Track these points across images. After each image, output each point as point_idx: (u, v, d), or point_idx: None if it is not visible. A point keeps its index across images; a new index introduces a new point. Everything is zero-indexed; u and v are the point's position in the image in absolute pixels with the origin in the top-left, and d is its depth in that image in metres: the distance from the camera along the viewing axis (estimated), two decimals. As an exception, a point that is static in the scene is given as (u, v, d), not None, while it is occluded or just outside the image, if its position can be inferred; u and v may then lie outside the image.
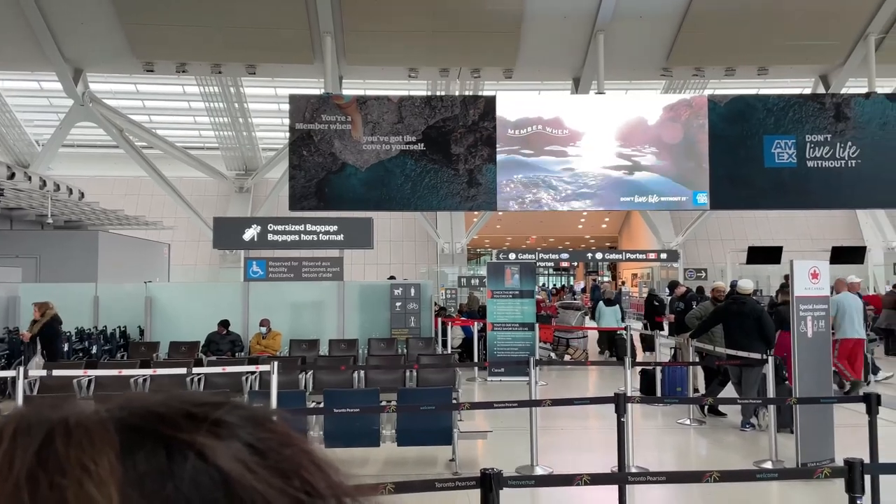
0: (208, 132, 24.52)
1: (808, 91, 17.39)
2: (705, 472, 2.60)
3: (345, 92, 15.95)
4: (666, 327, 13.34)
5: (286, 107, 12.55)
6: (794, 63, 16.53)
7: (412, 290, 11.86)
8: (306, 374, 8.26)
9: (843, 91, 15.35)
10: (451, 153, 11.50)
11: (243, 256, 14.96)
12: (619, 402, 4.20)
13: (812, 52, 15.99)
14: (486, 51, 15.89)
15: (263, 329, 10.78)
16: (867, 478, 3.30)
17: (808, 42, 15.52)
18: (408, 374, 8.66)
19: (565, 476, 2.69)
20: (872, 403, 4.14)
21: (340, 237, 12.56)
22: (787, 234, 25.08)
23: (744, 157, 11.62)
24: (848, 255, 18.60)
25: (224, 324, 10.68)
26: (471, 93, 17.53)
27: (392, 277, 14.44)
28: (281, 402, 6.03)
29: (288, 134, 11.92)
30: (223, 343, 10.56)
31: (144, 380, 7.74)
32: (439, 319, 12.60)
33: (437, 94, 17.57)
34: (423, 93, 18.30)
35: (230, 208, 24.65)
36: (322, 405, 6.15)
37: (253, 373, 7.81)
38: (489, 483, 2.66)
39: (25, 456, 0.31)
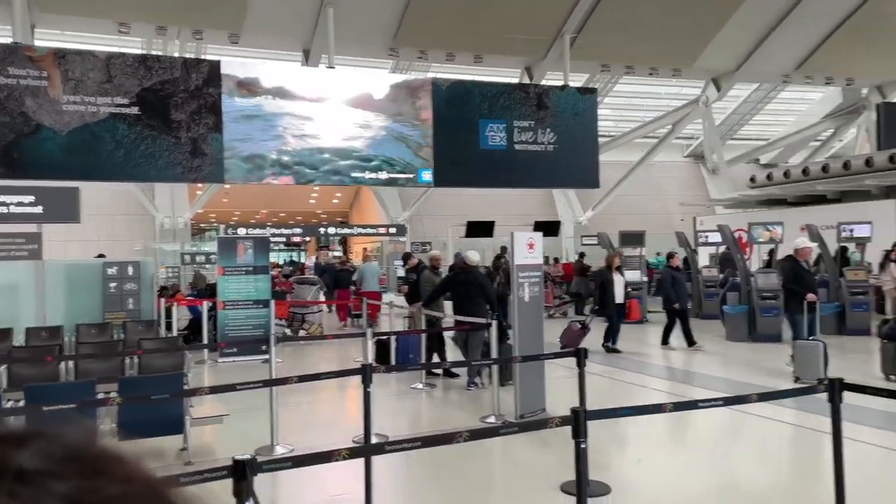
0: None
1: (516, 81, 19.23)
2: (456, 433, 2.76)
3: (38, 43, 13.75)
4: None
5: (-40, 54, 10.39)
6: (504, 54, 18.10)
7: (129, 269, 10.75)
8: (-2, 369, 7.07)
9: (544, 83, 17.24)
10: (171, 119, 10.60)
11: None
12: (366, 372, 4.28)
13: (519, 44, 17.66)
14: (210, 11, 14.84)
15: (-66, 321, 8.95)
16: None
17: (516, 35, 17.12)
18: (128, 361, 7.86)
19: (323, 454, 2.64)
20: (582, 357, 4.78)
21: (39, 209, 10.82)
22: (499, 210, 27.62)
23: (463, 139, 12.49)
24: (546, 228, 21.12)
25: None
26: (193, 56, 16.27)
27: (101, 255, 12.85)
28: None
29: (-37, 87, 9.91)
30: None
31: None
32: (162, 300, 11.64)
33: (154, 53, 16.00)
34: (138, 51, 16.54)
35: None
36: (23, 404, 5.32)
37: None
38: (243, 471, 2.50)
39: None
